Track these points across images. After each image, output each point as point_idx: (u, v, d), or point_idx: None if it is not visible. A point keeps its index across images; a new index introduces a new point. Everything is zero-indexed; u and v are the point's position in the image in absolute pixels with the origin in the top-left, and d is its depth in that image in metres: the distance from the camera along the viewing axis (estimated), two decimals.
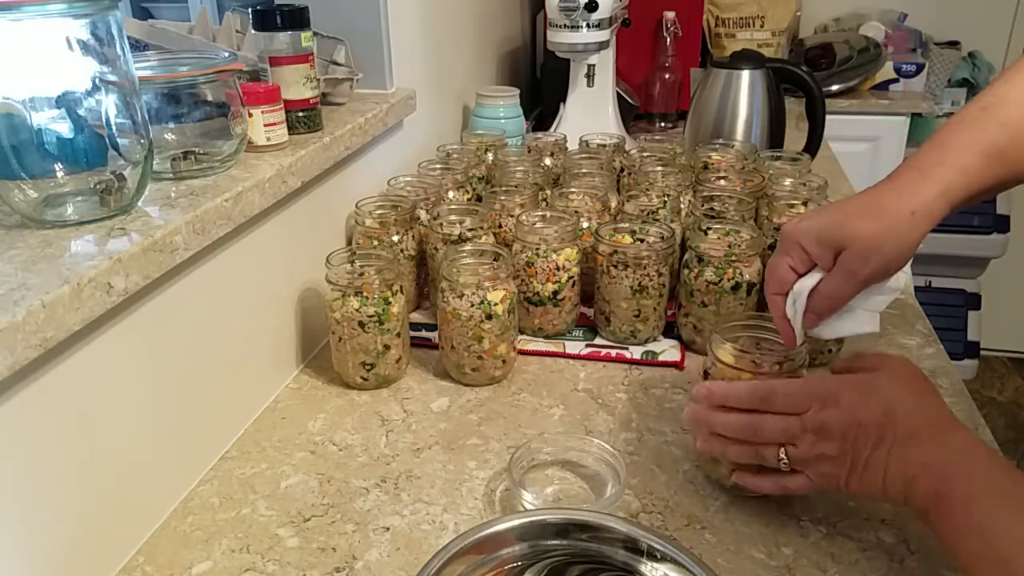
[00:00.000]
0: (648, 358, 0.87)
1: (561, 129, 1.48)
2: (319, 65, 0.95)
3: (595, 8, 1.30)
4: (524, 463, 0.68)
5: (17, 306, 0.47)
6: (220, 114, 0.75)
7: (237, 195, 0.69)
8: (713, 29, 2.18)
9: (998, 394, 2.58)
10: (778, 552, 0.60)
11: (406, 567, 0.60)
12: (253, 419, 0.78)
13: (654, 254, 0.85)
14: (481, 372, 0.82)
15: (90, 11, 0.57)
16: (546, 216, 0.92)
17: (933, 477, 0.51)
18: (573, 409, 0.79)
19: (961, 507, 0.49)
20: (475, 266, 0.82)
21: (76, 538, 0.56)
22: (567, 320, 0.91)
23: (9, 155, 0.57)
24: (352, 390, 0.83)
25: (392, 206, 0.94)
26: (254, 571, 0.60)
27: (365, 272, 0.80)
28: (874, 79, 2.21)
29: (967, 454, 0.52)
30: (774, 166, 1.10)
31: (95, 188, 0.61)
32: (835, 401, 0.56)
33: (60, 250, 0.56)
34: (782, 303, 0.66)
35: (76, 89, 0.58)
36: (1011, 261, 2.41)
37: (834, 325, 0.66)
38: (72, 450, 0.56)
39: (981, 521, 0.48)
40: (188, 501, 0.67)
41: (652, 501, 0.66)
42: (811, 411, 0.57)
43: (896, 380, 0.58)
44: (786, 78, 1.29)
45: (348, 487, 0.68)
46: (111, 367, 0.59)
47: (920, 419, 0.54)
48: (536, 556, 0.54)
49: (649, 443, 0.73)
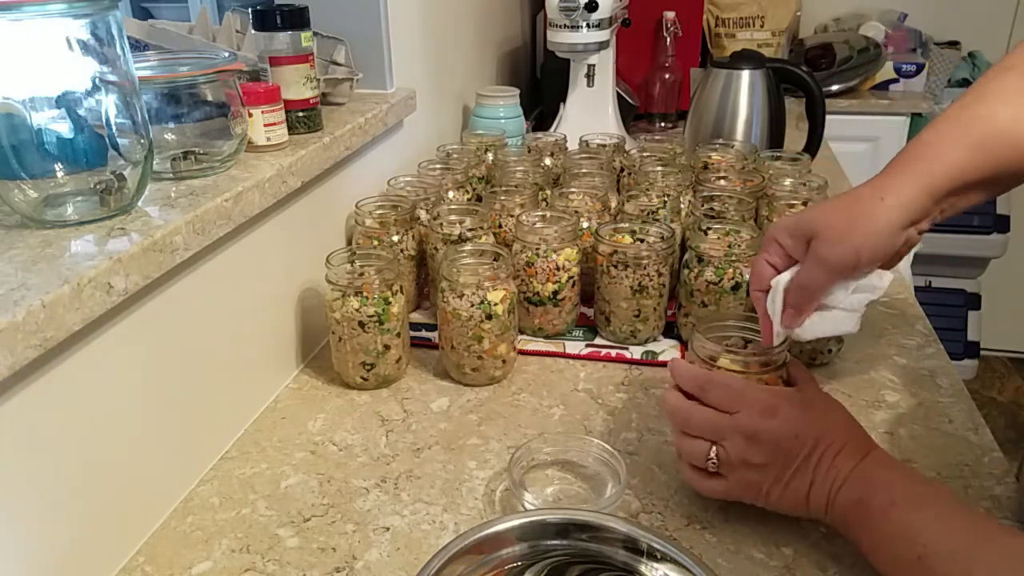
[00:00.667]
0: (648, 358, 0.87)
1: (561, 129, 1.48)
2: (319, 65, 0.95)
3: (595, 8, 1.30)
4: (524, 463, 0.68)
5: (17, 306, 0.47)
6: (220, 114, 0.75)
7: (237, 195, 0.69)
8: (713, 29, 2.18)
9: (998, 394, 2.58)
10: (778, 552, 0.60)
11: (406, 567, 0.60)
12: (253, 419, 0.78)
13: (654, 254, 0.85)
14: (481, 372, 0.82)
15: (90, 11, 0.57)
16: (546, 216, 0.92)
17: (856, 487, 0.55)
18: (573, 409, 0.79)
19: (881, 513, 0.52)
20: (475, 266, 0.82)
21: (76, 538, 0.56)
22: (567, 320, 0.91)
23: (9, 155, 0.57)
24: (352, 390, 0.83)
25: (392, 206, 0.94)
26: (254, 571, 0.60)
27: (365, 272, 0.80)
28: (874, 79, 2.21)
29: (886, 466, 0.56)
30: (774, 166, 1.10)
31: (95, 188, 0.61)
32: (773, 412, 0.58)
33: (60, 250, 0.56)
34: (763, 299, 0.66)
35: (76, 89, 0.58)
36: (1011, 261, 2.41)
37: (814, 325, 0.65)
38: (72, 450, 0.56)
39: (900, 524, 0.52)
40: (188, 501, 0.67)
41: (652, 501, 0.66)
42: (744, 415, 0.58)
43: (824, 398, 0.61)
44: (786, 78, 1.29)
45: (348, 487, 0.68)
46: (111, 367, 0.59)
47: (847, 434, 0.58)
48: (536, 556, 0.54)
49: (649, 443, 0.73)
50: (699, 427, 0.60)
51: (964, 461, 0.69)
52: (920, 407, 0.77)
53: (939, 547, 0.49)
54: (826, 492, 0.56)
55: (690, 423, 0.60)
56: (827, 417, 0.59)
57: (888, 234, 0.60)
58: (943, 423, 0.74)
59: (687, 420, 0.61)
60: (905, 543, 0.51)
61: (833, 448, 0.56)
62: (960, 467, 0.68)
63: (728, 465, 0.59)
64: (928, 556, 0.49)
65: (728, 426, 0.58)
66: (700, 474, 0.61)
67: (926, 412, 0.76)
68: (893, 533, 0.52)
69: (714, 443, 0.59)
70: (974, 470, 0.68)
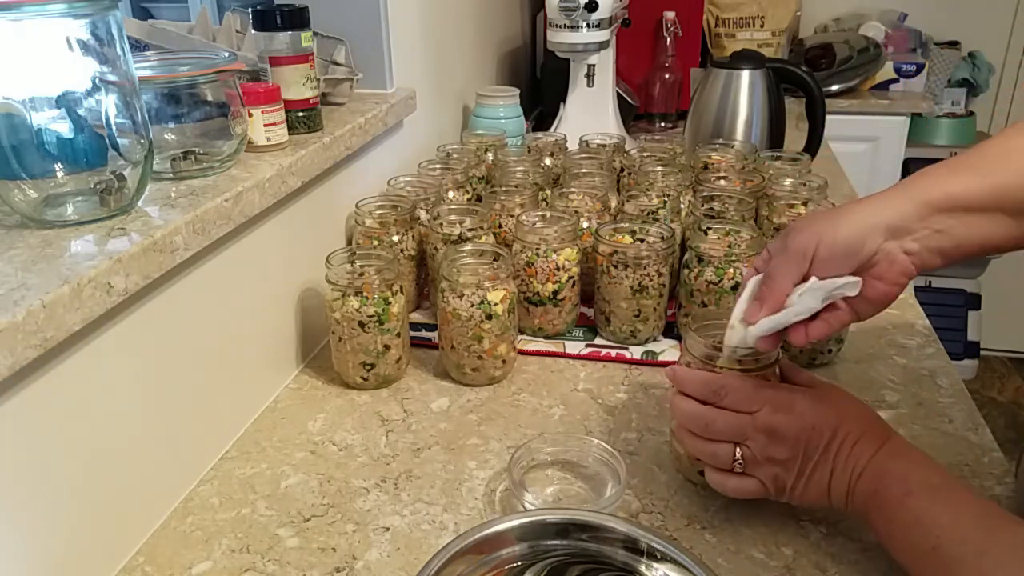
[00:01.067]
0: (648, 358, 0.87)
1: (561, 129, 1.48)
2: (319, 65, 0.95)
3: (595, 8, 1.30)
4: (524, 463, 0.68)
5: (17, 306, 0.47)
6: (220, 114, 0.75)
7: (237, 195, 0.69)
8: (713, 29, 2.18)
9: (998, 394, 2.58)
10: (778, 552, 0.60)
11: (406, 567, 0.60)
12: (253, 419, 0.78)
13: (654, 254, 0.85)
14: (481, 372, 0.82)
15: (90, 11, 0.57)
16: (546, 216, 0.92)
17: (873, 477, 0.55)
18: (573, 409, 0.79)
19: (897, 502, 0.53)
20: (475, 266, 0.82)
21: (76, 538, 0.56)
22: (567, 320, 0.91)
23: (9, 155, 0.57)
24: (352, 390, 0.83)
25: (392, 206, 0.94)
26: (254, 571, 0.60)
27: (365, 272, 0.80)
28: (874, 79, 2.21)
29: (903, 456, 0.56)
30: (774, 166, 1.10)
31: (95, 188, 0.61)
32: (789, 406, 0.58)
33: (60, 250, 0.56)
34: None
35: (76, 89, 0.58)
36: (1011, 261, 2.41)
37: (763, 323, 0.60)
38: (72, 450, 0.56)
39: (916, 513, 0.52)
40: (188, 501, 0.67)
41: (652, 501, 0.66)
42: (763, 412, 0.58)
43: (838, 390, 0.61)
44: (786, 78, 1.29)
45: (348, 487, 0.68)
46: (111, 367, 0.59)
47: (864, 425, 0.58)
48: (536, 556, 0.54)
49: (649, 443, 0.73)
50: (723, 430, 0.59)
51: (964, 461, 0.69)
52: (920, 407, 0.77)
53: (953, 536, 0.49)
54: (846, 481, 0.56)
55: (713, 427, 0.60)
56: (843, 407, 0.59)
57: (856, 228, 0.56)
58: (943, 423, 0.74)
59: (710, 425, 0.60)
60: (920, 532, 0.51)
61: (851, 437, 0.57)
62: (960, 467, 0.68)
63: (753, 463, 0.59)
64: (942, 547, 0.49)
65: (750, 425, 0.58)
66: (727, 476, 0.61)
67: (926, 412, 0.76)
68: (909, 522, 0.52)
69: (737, 444, 0.59)
70: (974, 470, 0.68)
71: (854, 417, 0.58)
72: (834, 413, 0.58)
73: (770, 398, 0.59)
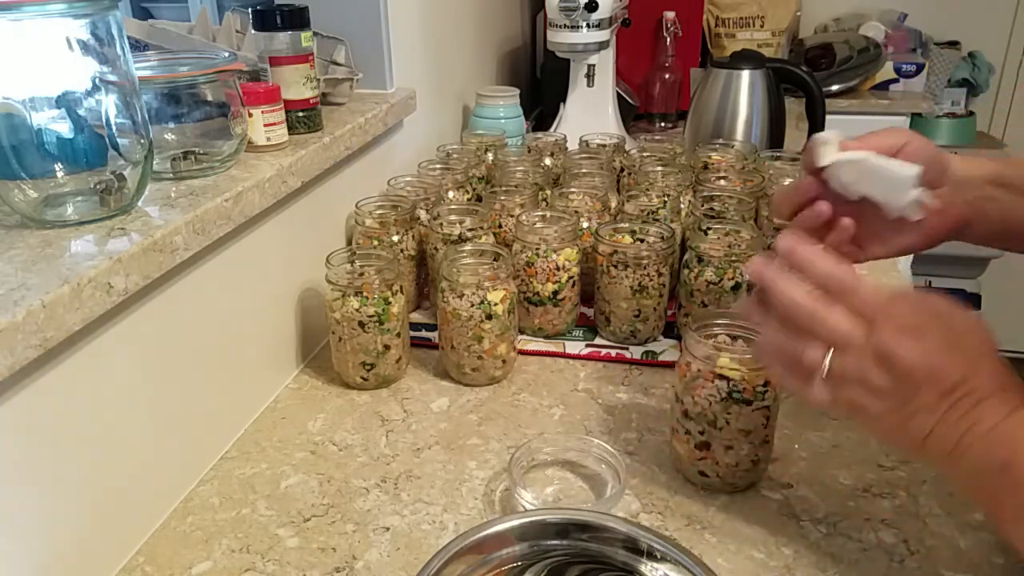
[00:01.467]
0: (648, 358, 0.87)
1: (561, 129, 1.48)
2: (319, 65, 0.95)
3: (595, 8, 1.30)
4: (524, 463, 0.68)
5: (17, 306, 0.47)
6: (220, 114, 0.75)
7: (237, 195, 0.69)
8: (713, 29, 2.18)
9: None
10: (778, 552, 0.60)
11: (406, 567, 0.60)
12: (253, 419, 0.78)
13: (654, 254, 0.85)
14: (481, 372, 0.82)
15: (90, 11, 0.57)
16: (546, 216, 0.92)
17: (1002, 446, 0.46)
18: (573, 409, 0.79)
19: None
20: (475, 266, 0.82)
21: (76, 538, 0.56)
22: (567, 320, 0.91)
23: (9, 155, 0.57)
24: (352, 390, 0.83)
25: (392, 206, 0.94)
26: (254, 571, 0.60)
27: (365, 272, 0.80)
28: (874, 79, 2.20)
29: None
30: (774, 166, 1.10)
31: (95, 188, 0.61)
32: (918, 333, 0.48)
33: (60, 250, 0.56)
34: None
35: (76, 89, 0.58)
36: (1011, 261, 2.41)
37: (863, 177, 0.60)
38: (72, 450, 0.56)
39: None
40: (188, 501, 0.67)
41: (652, 501, 0.66)
42: (887, 330, 0.48)
43: (981, 333, 0.51)
44: (786, 78, 1.29)
45: (348, 487, 0.68)
46: (111, 367, 0.59)
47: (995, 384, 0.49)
48: (536, 556, 0.54)
49: (649, 443, 0.73)
50: (832, 331, 0.49)
51: None
52: None
53: None
54: (954, 440, 0.47)
55: (822, 325, 0.49)
56: (978, 359, 0.49)
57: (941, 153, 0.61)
58: None
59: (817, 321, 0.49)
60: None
61: (975, 395, 0.47)
62: None
63: (840, 380, 0.49)
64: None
65: (863, 337, 0.48)
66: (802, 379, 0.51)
67: None
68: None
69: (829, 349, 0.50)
70: None
71: (988, 373, 0.48)
72: (966, 362, 0.48)
73: (901, 315, 0.49)
